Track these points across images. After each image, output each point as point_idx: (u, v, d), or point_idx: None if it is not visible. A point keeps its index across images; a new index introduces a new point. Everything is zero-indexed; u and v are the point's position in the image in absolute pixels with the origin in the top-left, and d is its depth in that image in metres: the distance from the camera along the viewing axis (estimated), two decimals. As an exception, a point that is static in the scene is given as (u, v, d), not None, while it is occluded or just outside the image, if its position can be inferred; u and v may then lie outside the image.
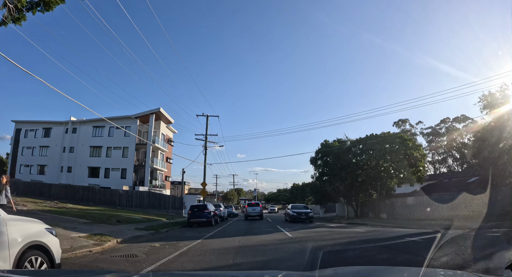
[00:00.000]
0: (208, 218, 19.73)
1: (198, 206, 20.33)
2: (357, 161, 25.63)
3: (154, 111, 42.68)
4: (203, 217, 19.65)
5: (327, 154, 27.48)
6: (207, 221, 19.66)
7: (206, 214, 19.69)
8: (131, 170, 41.49)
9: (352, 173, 24.94)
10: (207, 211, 19.82)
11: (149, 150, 41.57)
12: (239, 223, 23.04)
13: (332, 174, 25.83)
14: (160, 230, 16.53)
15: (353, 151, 26.58)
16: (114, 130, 44.69)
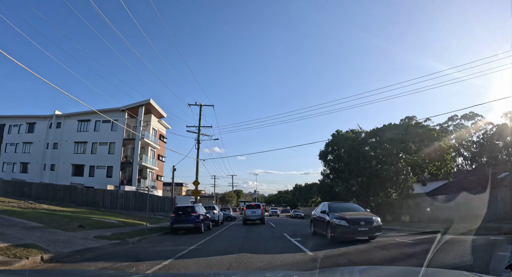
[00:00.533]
0: (196, 223, 15.62)
1: (183, 208, 16.23)
2: (376, 154, 21.54)
3: (143, 103, 38.64)
4: (189, 222, 15.56)
5: (339, 147, 23.40)
6: (194, 227, 15.56)
7: (193, 219, 15.60)
8: (118, 168, 37.41)
9: (371, 168, 20.82)
10: (194, 215, 15.71)
11: (137, 146, 37.47)
12: (236, 229, 18.87)
13: (346, 170, 21.67)
14: (128, 239, 12.44)
15: (369, 142, 22.50)
16: (100, 124, 40.84)
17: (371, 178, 20.82)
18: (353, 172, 21.20)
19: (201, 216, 16.27)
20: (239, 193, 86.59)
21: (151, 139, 40.58)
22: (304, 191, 55.89)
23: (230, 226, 22.19)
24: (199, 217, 15.84)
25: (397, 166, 21.16)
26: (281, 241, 11.17)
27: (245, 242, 11.44)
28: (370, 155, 21.53)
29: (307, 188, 55.85)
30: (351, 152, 21.67)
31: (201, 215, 16.33)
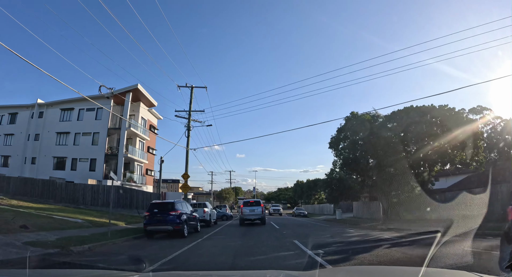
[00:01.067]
0: (177, 224, 11.90)
1: (160, 205, 12.53)
2: (400, 140, 17.86)
3: (130, 89, 34.79)
4: (168, 222, 11.87)
5: (355, 132, 19.67)
6: (174, 229, 11.85)
7: (172, 219, 11.90)
8: (102, 160, 33.64)
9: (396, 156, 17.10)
10: (174, 214, 12.00)
11: (123, 136, 33.67)
12: (231, 232, 15.01)
13: (363, 159, 17.82)
14: (73, 248, 8.85)
15: (389, 127, 18.79)
16: (84, 112, 37.11)
17: (396, 168, 17.09)
18: (372, 161, 17.39)
19: (184, 215, 12.53)
20: (237, 190, 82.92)
21: (140, 130, 36.76)
22: (307, 188, 52.25)
23: (224, 227, 18.45)
24: (180, 217, 12.11)
25: (426, 154, 17.44)
26: (294, 257, 7.29)
27: (240, 254, 7.67)
28: (395, 141, 17.79)
29: (309, 184, 52.23)
30: (370, 138, 17.93)
31: (184, 215, 12.60)
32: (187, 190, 22.17)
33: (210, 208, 20.37)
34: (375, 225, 18.81)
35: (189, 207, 14.31)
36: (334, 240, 10.69)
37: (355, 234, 13.35)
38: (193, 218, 14.17)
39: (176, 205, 12.30)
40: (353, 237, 12.04)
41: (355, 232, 14.11)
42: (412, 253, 7.51)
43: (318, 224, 21.04)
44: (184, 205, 13.42)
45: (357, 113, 20.26)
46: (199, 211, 17.47)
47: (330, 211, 42.62)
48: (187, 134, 23.64)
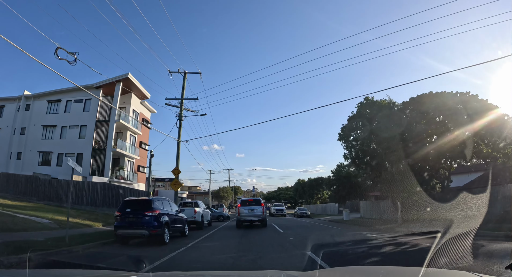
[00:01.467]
0: (154, 228, 9.39)
1: (134, 203, 10.00)
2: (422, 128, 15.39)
3: (120, 78, 32.26)
4: (142, 225, 9.38)
5: (369, 119, 17.15)
6: (151, 234, 9.31)
7: (148, 221, 9.40)
8: (89, 155, 31.12)
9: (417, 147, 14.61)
10: (151, 214, 9.49)
11: (112, 128, 31.17)
12: (225, 237, 12.50)
13: (381, 151, 15.22)
14: (2, 259, 6.27)
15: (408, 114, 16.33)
16: (71, 104, 34.64)
17: (417, 160, 14.56)
18: (392, 154, 14.83)
19: (165, 216, 10.01)
20: (236, 190, 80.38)
21: (131, 123, 34.23)
22: (308, 187, 49.73)
23: (219, 230, 15.87)
24: (159, 219, 9.58)
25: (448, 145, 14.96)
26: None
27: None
28: (416, 129, 15.29)
29: (311, 183, 49.69)
30: (389, 126, 15.41)
31: (165, 215, 10.08)
32: (178, 187, 19.66)
33: (203, 207, 17.84)
34: (392, 227, 16.35)
35: (174, 206, 11.78)
36: (362, 250, 8.16)
37: (379, 239, 10.87)
38: (179, 219, 11.66)
39: (155, 204, 9.77)
40: (384, 245, 9.52)
41: (377, 237, 11.68)
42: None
43: (327, 226, 18.53)
44: (167, 204, 10.90)
45: (372, 98, 17.71)
46: (187, 211, 14.95)
47: (334, 211, 40.11)
48: (179, 124, 21.14)
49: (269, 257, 7.02)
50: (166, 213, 10.25)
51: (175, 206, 11.89)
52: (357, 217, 29.38)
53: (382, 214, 25.70)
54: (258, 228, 15.79)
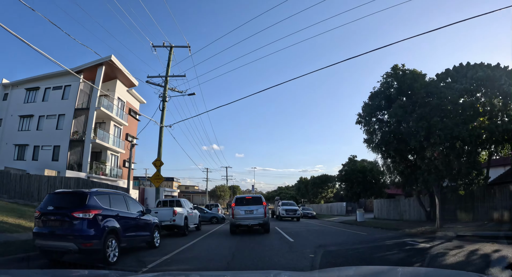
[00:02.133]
0: (87, 239, 5.71)
1: (60, 198, 6.31)
2: (471, 103, 11.79)
3: (102, 61, 28.56)
4: (68, 234, 5.64)
5: (399, 93, 13.45)
6: (81, 249, 5.63)
7: (78, 227, 5.73)
8: (66, 147, 27.44)
9: (467, 127, 10.99)
10: (82, 216, 5.82)
11: (91, 117, 27.56)
12: (209, 251, 8.14)
13: (419, 129, 11.41)
14: None
15: (452, 85, 12.71)
16: (50, 92, 31.04)
17: (466, 143, 10.90)
18: (434, 135, 11.10)
19: (110, 221, 6.33)
20: (235, 189, 76.73)
21: (115, 112, 30.57)
22: (312, 185, 46.13)
23: (206, 237, 11.96)
24: (97, 224, 5.92)
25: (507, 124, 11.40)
26: None
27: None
28: (466, 104, 11.67)
29: (315, 181, 46.06)
30: (429, 100, 11.70)
31: (111, 219, 6.40)
32: (159, 182, 16.00)
33: (189, 208, 14.05)
34: (430, 229, 12.69)
35: (135, 205, 8.08)
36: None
37: (440, 250, 7.11)
38: (142, 225, 8.00)
39: (92, 200, 6.08)
40: (465, 260, 5.87)
41: (430, 245, 7.97)
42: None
43: (346, 231, 14.83)
44: (119, 201, 7.21)
45: (403, 66, 13.95)
46: (163, 213, 11.30)
47: (341, 211, 36.51)
48: (162, 106, 17.48)
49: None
50: (115, 215, 6.59)
51: (137, 205, 8.20)
52: (370, 217, 25.72)
53: (403, 214, 22.13)
54: (259, 235, 12.07)
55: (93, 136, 26.79)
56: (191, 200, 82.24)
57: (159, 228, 9.18)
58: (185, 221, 12.24)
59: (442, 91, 11.86)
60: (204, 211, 23.31)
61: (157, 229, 8.88)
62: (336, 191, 47.25)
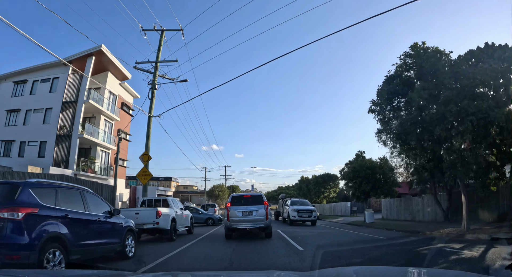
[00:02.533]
0: (13, 252, 4.02)
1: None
2: (505, 84, 10.02)
3: (92, 51, 26.84)
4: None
5: (422, 76, 11.59)
6: (3, 263, 3.83)
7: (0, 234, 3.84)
8: (52, 143, 25.66)
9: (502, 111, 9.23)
10: (7, 218, 4.07)
11: (79, 110, 25.80)
12: (195, 265, 6.47)
13: (448, 114, 9.54)
14: None
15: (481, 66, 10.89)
16: (38, 85, 29.33)
17: (503, 129, 9.12)
18: (462, 121, 9.29)
19: (50, 225, 4.58)
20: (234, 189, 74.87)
21: (106, 106, 28.78)
22: (314, 184, 44.38)
23: (197, 243, 9.94)
24: (29, 228, 4.18)
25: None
26: None
27: None
28: (496, 84, 9.88)
29: (317, 180, 44.30)
30: (457, 82, 9.86)
31: (52, 223, 4.65)
32: (147, 179, 14.20)
33: (178, 208, 12.16)
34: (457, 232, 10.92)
35: (99, 203, 6.29)
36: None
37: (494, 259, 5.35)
38: (108, 230, 6.22)
39: (24, 194, 4.32)
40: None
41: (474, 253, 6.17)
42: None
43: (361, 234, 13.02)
44: (70, 198, 5.60)
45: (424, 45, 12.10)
46: (143, 214, 9.50)
47: (345, 211, 34.74)
48: (151, 95, 15.70)
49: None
50: (62, 217, 4.84)
51: (101, 204, 6.40)
52: (377, 218, 23.90)
53: (415, 215, 20.36)
54: (259, 241, 10.24)
55: (80, 131, 25.00)
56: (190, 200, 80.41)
57: (134, 233, 7.36)
58: (173, 224, 10.41)
59: (471, 71, 10.05)
60: (199, 211, 21.47)
61: (131, 234, 7.07)
62: (339, 190, 45.49)
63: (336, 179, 43.27)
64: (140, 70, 16.12)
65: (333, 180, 43.13)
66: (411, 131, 11.40)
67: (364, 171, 19.50)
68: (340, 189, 45.00)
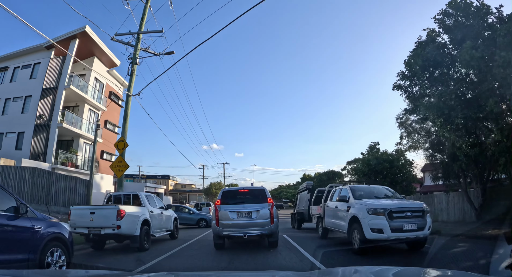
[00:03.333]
0: None
1: None
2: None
3: (76, 33, 24.35)
4: None
5: (464, 35, 8.98)
6: None
7: None
8: (30, 133, 23.13)
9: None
10: None
11: (59, 97, 23.30)
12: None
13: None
14: None
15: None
16: (18, 71, 26.94)
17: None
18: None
19: None
20: (233, 188, 72.11)
21: (90, 94, 26.23)
22: (318, 182, 41.53)
23: (177, 254, 7.03)
24: None
25: None
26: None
27: None
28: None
29: (321, 177, 41.57)
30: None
31: None
32: (123, 171, 11.63)
33: (158, 206, 9.42)
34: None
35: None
36: None
37: None
38: (8, 239, 3.64)
39: None
40: None
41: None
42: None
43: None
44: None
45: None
46: (100, 214, 6.87)
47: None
48: (130, 70, 13.16)
49: None
50: None
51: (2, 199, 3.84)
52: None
53: (438, 214, 17.84)
54: (261, 252, 7.58)
55: (60, 120, 22.44)
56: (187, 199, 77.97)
57: (68, 244, 4.72)
58: (144, 228, 7.78)
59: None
60: (190, 211, 18.79)
61: (60, 246, 4.48)
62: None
63: (341, 176, 40.66)
64: (119, 42, 13.55)
65: (338, 177, 40.51)
66: (454, 107, 8.85)
67: (381, 165, 16.88)
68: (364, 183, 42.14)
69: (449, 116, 8.86)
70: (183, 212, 18.28)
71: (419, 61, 9.85)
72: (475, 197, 15.04)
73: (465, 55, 8.27)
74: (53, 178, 17.12)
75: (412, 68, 10.34)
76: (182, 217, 17.73)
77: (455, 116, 8.72)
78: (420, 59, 9.84)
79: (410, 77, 10.60)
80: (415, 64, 10.01)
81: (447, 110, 8.86)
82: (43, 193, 16.84)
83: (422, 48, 10.15)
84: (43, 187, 16.97)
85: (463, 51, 8.56)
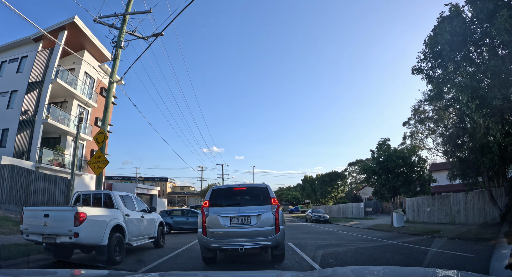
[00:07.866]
0: None
1: None
2: None
3: (64, 24, 22.99)
4: None
5: (498, 5, 7.58)
6: None
7: None
8: (14, 130, 21.66)
9: None
10: None
11: (45, 91, 21.86)
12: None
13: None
14: None
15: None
16: (6, 65, 25.59)
17: None
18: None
19: None
20: (233, 189, 70.55)
21: (80, 89, 24.77)
22: (320, 183, 39.99)
23: (155, 269, 5.76)
24: None
25: None
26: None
27: None
28: None
29: (323, 179, 39.93)
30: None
31: None
32: (101, 167, 10.12)
33: (138, 209, 7.72)
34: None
35: None
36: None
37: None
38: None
39: None
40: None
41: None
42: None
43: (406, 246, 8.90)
44: None
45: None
46: (54, 217, 5.12)
47: (357, 213, 30.59)
48: (114, 54, 11.72)
49: None
50: None
51: None
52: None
53: (455, 215, 16.33)
54: (261, 266, 6.06)
55: (45, 115, 20.95)
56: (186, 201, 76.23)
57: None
58: (115, 236, 6.12)
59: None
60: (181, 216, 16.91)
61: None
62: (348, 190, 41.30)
63: (344, 178, 39.19)
64: (101, 23, 12.10)
65: (341, 178, 38.96)
66: (491, 87, 7.36)
67: (394, 162, 15.28)
68: (349, 188, 40.85)
69: (484, 98, 7.36)
70: (190, 216, 16.84)
71: (445, 36, 8.36)
72: (497, 196, 13.63)
73: (505, 23, 6.83)
74: (32, 177, 15.59)
75: (434, 48, 8.89)
76: (190, 222, 16.36)
77: (493, 97, 7.22)
78: (445, 35, 8.35)
79: (432, 58, 9.14)
80: (439, 42, 8.52)
81: (483, 91, 7.38)
82: (21, 193, 15.29)
83: (448, 23, 8.68)
84: (22, 187, 15.42)
85: (500, 20, 7.13)
